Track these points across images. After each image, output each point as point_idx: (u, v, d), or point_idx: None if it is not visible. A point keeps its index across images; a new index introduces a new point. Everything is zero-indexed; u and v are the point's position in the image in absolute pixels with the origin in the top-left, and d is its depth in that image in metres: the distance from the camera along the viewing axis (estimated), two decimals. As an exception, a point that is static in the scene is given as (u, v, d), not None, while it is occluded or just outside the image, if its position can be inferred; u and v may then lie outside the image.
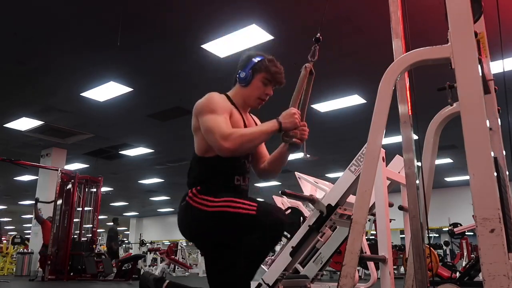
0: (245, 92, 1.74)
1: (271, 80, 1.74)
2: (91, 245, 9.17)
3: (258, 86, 1.72)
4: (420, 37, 4.80)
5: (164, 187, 15.57)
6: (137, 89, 7.12)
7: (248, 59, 1.76)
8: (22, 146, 10.48)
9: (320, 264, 3.76)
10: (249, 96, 1.74)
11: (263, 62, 1.73)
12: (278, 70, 1.75)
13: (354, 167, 2.82)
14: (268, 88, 1.74)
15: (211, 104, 1.63)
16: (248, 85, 1.72)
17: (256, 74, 1.72)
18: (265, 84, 1.73)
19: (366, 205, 1.55)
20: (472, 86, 1.33)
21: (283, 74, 1.76)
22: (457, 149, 10.03)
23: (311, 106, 7.51)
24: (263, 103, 1.77)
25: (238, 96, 1.75)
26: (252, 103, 1.76)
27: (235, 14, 4.99)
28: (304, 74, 1.73)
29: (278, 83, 1.76)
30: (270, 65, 1.73)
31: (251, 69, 1.72)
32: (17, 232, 19.20)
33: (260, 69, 1.72)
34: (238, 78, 1.74)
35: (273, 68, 1.73)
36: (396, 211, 3.22)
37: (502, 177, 1.74)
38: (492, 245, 1.20)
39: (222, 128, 1.54)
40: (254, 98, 1.74)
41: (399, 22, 2.04)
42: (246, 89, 1.73)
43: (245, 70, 1.73)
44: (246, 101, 1.75)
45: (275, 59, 1.78)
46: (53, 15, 5.03)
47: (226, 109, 1.65)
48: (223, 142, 1.51)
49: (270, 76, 1.73)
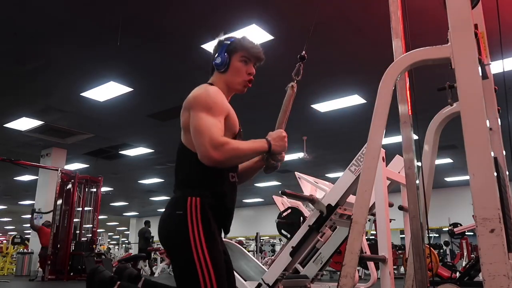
0: (227, 78, 1.63)
1: (250, 57, 1.64)
2: (91, 245, 9.17)
3: (238, 67, 1.63)
4: (420, 37, 4.80)
5: (164, 187, 15.56)
6: (137, 89, 7.12)
7: (219, 44, 1.67)
8: (22, 146, 10.48)
9: (320, 264, 3.77)
10: (231, 80, 1.63)
11: (236, 41, 1.65)
12: (254, 45, 1.66)
13: (354, 167, 2.82)
14: (249, 66, 1.65)
15: (210, 100, 1.49)
16: (228, 69, 1.62)
17: (233, 55, 1.63)
18: (246, 62, 1.64)
19: (366, 205, 1.55)
20: (472, 86, 1.33)
21: (260, 49, 1.67)
22: (457, 149, 10.03)
23: (311, 106, 7.52)
24: (249, 85, 1.67)
25: (221, 83, 1.63)
26: (237, 87, 1.65)
27: (235, 14, 4.99)
28: (290, 93, 1.68)
29: (257, 58, 1.67)
30: (244, 42, 1.65)
31: (225, 51, 1.63)
32: (17, 232, 19.22)
33: (236, 48, 1.63)
34: (215, 65, 1.64)
35: (248, 44, 1.65)
36: (396, 211, 3.22)
37: (502, 177, 1.74)
38: (492, 245, 1.20)
39: (214, 134, 1.42)
40: (238, 80, 1.63)
41: (399, 22, 2.05)
42: (226, 74, 1.63)
43: (220, 55, 1.63)
44: (230, 86, 1.64)
45: (247, 37, 1.70)
46: (53, 15, 5.03)
47: (224, 110, 1.53)
48: (212, 151, 1.39)
49: (247, 53, 1.64)
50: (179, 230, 1.48)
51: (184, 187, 1.56)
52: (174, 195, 1.58)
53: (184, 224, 1.47)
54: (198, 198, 1.50)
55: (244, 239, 17.85)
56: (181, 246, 1.47)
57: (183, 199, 1.51)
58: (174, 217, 1.51)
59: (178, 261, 1.50)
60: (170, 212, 1.54)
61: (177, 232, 1.49)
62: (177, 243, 1.49)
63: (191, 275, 1.44)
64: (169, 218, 1.53)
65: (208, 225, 1.49)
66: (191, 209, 1.49)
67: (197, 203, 1.50)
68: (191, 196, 1.51)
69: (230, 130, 1.57)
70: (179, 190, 1.57)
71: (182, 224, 1.47)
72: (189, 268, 1.45)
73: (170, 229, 1.52)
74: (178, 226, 1.48)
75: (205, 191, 1.53)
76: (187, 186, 1.55)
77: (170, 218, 1.53)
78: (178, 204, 1.52)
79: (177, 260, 1.50)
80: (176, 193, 1.57)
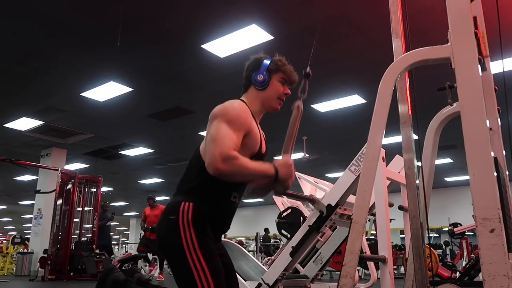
0: (264, 95, 1.69)
1: (287, 80, 1.72)
2: (91, 245, 9.17)
3: (277, 87, 1.69)
4: (420, 37, 4.80)
5: (164, 187, 15.57)
6: (137, 89, 7.12)
7: (258, 62, 1.72)
8: (22, 146, 10.48)
9: (320, 264, 3.77)
10: (268, 98, 1.69)
11: (276, 62, 1.71)
12: (291, 69, 1.73)
13: (354, 167, 2.83)
14: (285, 87, 1.72)
15: (233, 113, 1.53)
16: (267, 87, 1.68)
17: (273, 75, 1.69)
18: (283, 83, 1.71)
19: (366, 205, 1.55)
20: (472, 86, 1.33)
21: (295, 73, 1.74)
22: (457, 149, 10.03)
23: (311, 106, 7.53)
24: (282, 103, 1.73)
25: (257, 101, 1.69)
26: (273, 104, 1.71)
27: (235, 14, 4.99)
28: (296, 114, 1.63)
29: (293, 81, 1.73)
30: (282, 65, 1.71)
31: (266, 70, 1.68)
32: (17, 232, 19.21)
33: (276, 69, 1.69)
34: (255, 82, 1.68)
35: (287, 68, 1.72)
36: (396, 211, 3.22)
37: (502, 177, 1.74)
38: (492, 245, 1.20)
39: (226, 146, 1.42)
40: (274, 98, 1.69)
41: (399, 22, 2.05)
42: (265, 91, 1.68)
43: (261, 73, 1.68)
44: (266, 104, 1.70)
45: None
46: (53, 15, 5.03)
47: (246, 126, 1.55)
48: (219, 161, 1.39)
49: (286, 76, 1.71)
50: (171, 235, 1.50)
51: (183, 193, 1.58)
52: (171, 200, 1.60)
53: (176, 228, 1.49)
54: (191, 204, 1.52)
55: (244, 239, 17.85)
56: (175, 250, 1.49)
57: (177, 204, 1.53)
58: (167, 222, 1.53)
59: (175, 265, 1.52)
60: (163, 217, 1.56)
61: (170, 236, 1.51)
62: (171, 248, 1.51)
63: (188, 278, 1.45)
64: (163, 223, 1.56)
65: (200, 228, 1.50)
66: (183, 213, 1.50)
67: (189, 207, 1.51)
68: (185, 201, 1.53)
69: (249, 149, 1.58)
70: (177, 196, 1.59)
71: (175, 229, 1.49)
72: (185, 272, 1.46)
73: (164, 234, 1.54)
74: (170, 230, 1.50)
75: (202, 200, 1.54)
76: (186, 192, 1.57)
77: (164, 223, 1.55)
78: (172, 209, 1.54)
79: (173, 264, 1.53)
80: (173, 198, 1.59)
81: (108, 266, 1.83)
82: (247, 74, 1.72)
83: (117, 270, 1.80)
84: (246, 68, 1.74)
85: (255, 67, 1.71)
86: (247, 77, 1.72)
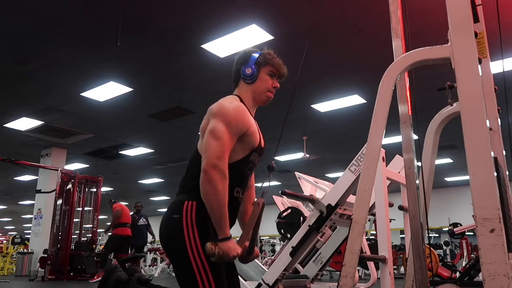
0: (254, 88, 1.70)
1: (276, 73, 1.72)
2: (91, 245, 9.18)
3: (265, 80, 1.70)
4: (420, 37, 4.81)
5: (164, 187, 15.56)
6: (137, 89, 7.11)
7: (247, 55, 1.73)
8: (22, 146, 10.48)
9: (320, 264, 3.77)
10: (258, 91, 1.70)
11: (265, 55, 1.71)
12: (280, 62, 1.74)
13: (354, 167, 2.82)
14: (274, 80, 1.72)
15: (232, 115, 1.54)
16: (255, 80, 1.69)
17: (261, 68, 1.70)
18: (272, 76, 1.71)
19: (366, 205, 1.55)
20: (472, 86, 1.33)
21: (285, 66, 1.75)
22: (457, 149, 10.03)
23: (311, 106, 7.53)
24: (271, 97, 1.74)
25: (248, 95, 1.70)
26: (263, 98, 1.71)
27: (235, 14, 4.99)
28: (256, 211, 1.57)
29: (282, 74, 1.74)
30: (271, 58, 1.72)
31: (255, 64, 1.69)
32: (17, 232, 19.22)
33: (265, 62, 1.70)
34: (243, 75, 1.70)
35: (276, 61, 1.72)
36: (396, 211, 3.22)
37: (502, 177, 1.74)
38: (492, 245, 1.20)
39: (224, 157, 1.47)
40: (264, 91, 1.70)
41: (399, 22, 2.05)
42: (254, 85, 1.69)
43: (249, 66, 1.69)
44: (256, 97, 1.71)
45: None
46: (53, 15, 5.03)
47: (243, 128, 1.56)
48: (211, 164, 1.43)
49: (274, 69, 1.71)
50: (175, 234, 1.50)
51: (185, 191, 1.58)
52: (174, 199, 1.60)
53: (179, 228, 1.49)
54: (194, 202, 1.52)
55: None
56: (178, 249, 1.49)
57: (180, 203, 1.54)
58: (171, 221, 1.53)
59: (177, 264, 1.52)
60: (167, 216, 1.56)
61: (173, 236, 1.51)
62: (174, 247, 1.51)
63: (190, 277, 1.46)
64: (166, 222, 1.56)
65: (204, 228, 1.50)
66: (187, 212, 1.51)
67: (192, 206, 1.51)
68: (188, 200, 1.53)
69: (249, 144, 1.60)
70: (179, 195, 1.59)
71: (178, 228, 1.49)
72: (187, 271, 1.46)
73: (167, 233, 1.54)
74: (174, 230, 1.51)
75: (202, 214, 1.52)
76: (188, 191, 1.57)
77: (167, 222, 1.55)
78: (176, 208, 1.54)
79: (176, 263, 1.53)
80: (176, 197, 1.59)
81: (110, 266, 1.85)
82: (236, 68, 1.74)
83: (120, 269, 1.82)
84: (236, 62, 1.75)
85: (244, 61, 1.72)
86: (236, 71, 1.74)
